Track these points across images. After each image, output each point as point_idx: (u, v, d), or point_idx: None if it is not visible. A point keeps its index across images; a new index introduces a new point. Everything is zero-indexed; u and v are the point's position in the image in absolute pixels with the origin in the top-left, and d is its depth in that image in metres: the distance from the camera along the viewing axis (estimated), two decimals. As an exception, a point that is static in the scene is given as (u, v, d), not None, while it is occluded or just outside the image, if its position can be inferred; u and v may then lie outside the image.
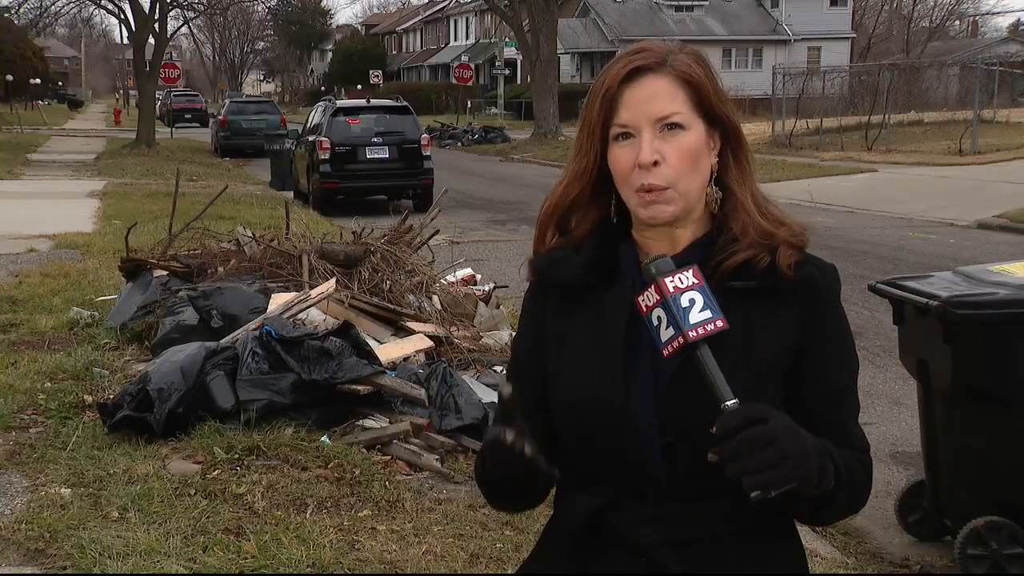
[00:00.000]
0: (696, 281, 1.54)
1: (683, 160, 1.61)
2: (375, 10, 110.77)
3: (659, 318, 1.55)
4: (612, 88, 1.63)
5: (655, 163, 1.60)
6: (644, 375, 1.63)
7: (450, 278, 8.25)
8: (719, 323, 1.52)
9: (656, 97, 1.62)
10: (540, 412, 1.71)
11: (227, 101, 43.50)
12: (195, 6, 38.11)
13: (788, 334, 1.63)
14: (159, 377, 5.39)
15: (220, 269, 7.64)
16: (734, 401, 1.48)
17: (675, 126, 1.61)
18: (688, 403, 1.58)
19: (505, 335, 7.23)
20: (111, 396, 5.80)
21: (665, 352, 1.54)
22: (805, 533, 1.77)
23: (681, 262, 1.57)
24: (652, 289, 1.55)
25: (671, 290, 1.53)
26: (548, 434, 1.71)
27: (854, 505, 1.65)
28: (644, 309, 1.57)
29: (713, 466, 1.46)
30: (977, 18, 72.77)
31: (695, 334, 1.51)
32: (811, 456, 1.48)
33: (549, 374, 1.72)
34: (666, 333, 1.54)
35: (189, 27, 55.52)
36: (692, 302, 1.53)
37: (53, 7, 38.10)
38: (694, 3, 56.05)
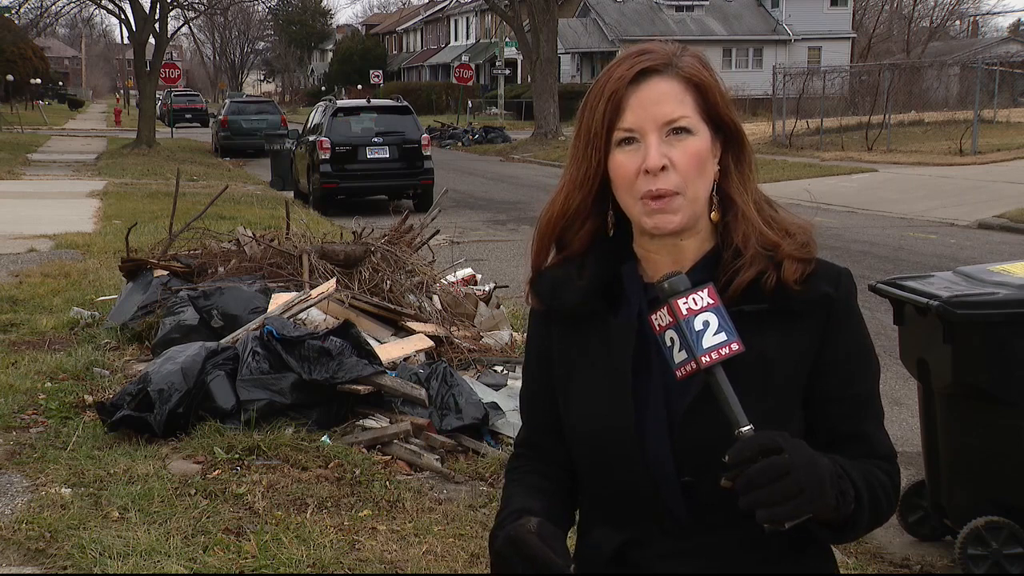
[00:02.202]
0: (711, 301, 1.48)
1: (691, 165, 1.54)
2: (375, 10, 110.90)
3: (672, 339, 1.49)
4: (619, 90, 1.56)
5: (663, 168, 1.53)
6: (656, 408, 1.58)
7: (450, 278, 8.25)
8: (734, 346, 1.47)
9: (664, 100, 1.55)
10: (559, 441, 1.70)
11: (227, 101, 43.48)
12: (195, 6, 38.11)
13: (805, 353, 1.59)
14: (160, 377, 5.39)
15: (220, 269, 7.64)
16: (749, 427, 1.43)
17: (682, 130, 1.55)
18: (703, 438, 1.53)
19: (505, 335, 7.23)
20: (111, 396, 5.80)
21: (678, 374, 1.49)
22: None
23: (695, 280, 1.51)
24: (665, 310, 1.49)
25: (684, 312, 1.47)
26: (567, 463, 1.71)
27: (880, 519, 1.60)
28: (657, 328, 1.51)
29: (735, 496, 1.42)
30: (977, 18, 72.84)
31: (708, 359, 1.46)
32: (827, 486, 1.42)
33: (560, 404, 1.68)
34: (679, 356, 1.48)
35: (189, 27, 55.46)
36: (706, 324, 1.47)
37: (53, 7, 38.11)
38: (694, 3, 56.04)
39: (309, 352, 5.40)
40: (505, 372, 6.46)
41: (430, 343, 6.56)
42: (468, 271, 8.81)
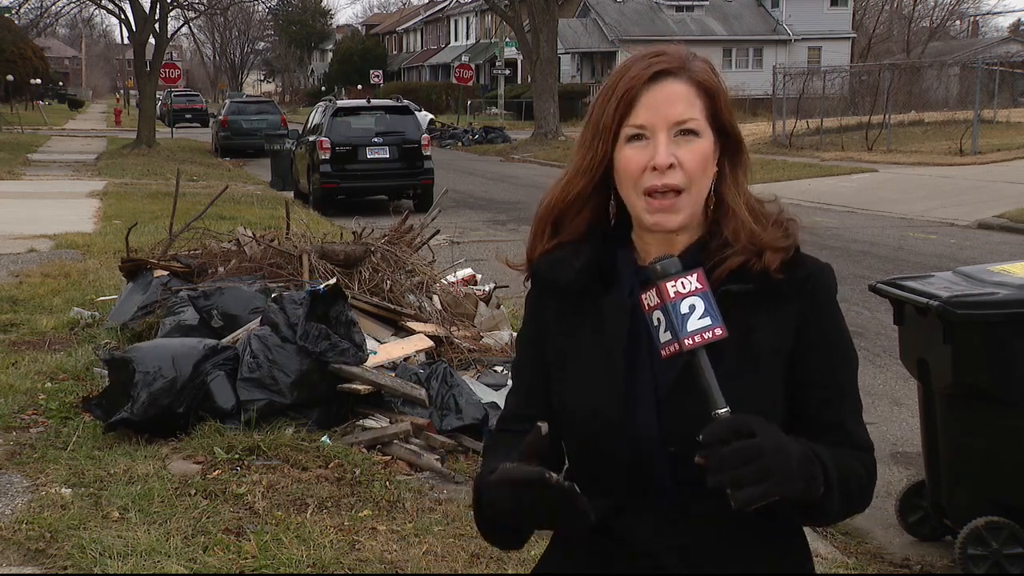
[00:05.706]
0: (699, 286, 1.54)
1: (697, 165, 1.63)
2: (375, 10, 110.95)
3: (659, 319, 1.56)
4: (633, 88, 1.63)
5: (670, 166, 1.61)
6: (645, 383, 1.65)
7: (450, 278, 8.25)
8: (717, 331, 1.53)
9: (676, 101, 1.63)
10: (542, 414, 1.72)
11: (227, 101, 43.49)
12: (195, 6, 38.12)
13: (787, 336, 1.65)
14: (147, 361, 5.35)
15: (220, 269, 7.64)
16: (725, 410, 1.49)
17: (690, 132, 1.63)
18: (690, 411, 1.58)
19: (505, 335, 7.23)
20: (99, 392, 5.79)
21: (663, 353, 1.56)
22: (806, 532, 1.78)
23: (684, 266, 1.57)
24: (654, 291, 1.56)
25: (671, 295, 1.54)
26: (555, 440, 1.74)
27: (853, 507, 1.66)
28: (646, 307, 1.58)
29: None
30: (977, 18, 72.84)
31: (691, 342, 1.52)
32: (795, 472, 1.48)
33: (551, 380, 1.74)
34: (664, 336, 1.55)
35: (189, 27, 55.45)
36: (692, 308, 1.53)
37: (53, 7, 38.17)
38: (694, 3, 56.04)
39: (310, 328, 5.40)
40: (505, 372, 6.46)
41: (430, 343, 6.56)
42: (468, 271, 8.81)
